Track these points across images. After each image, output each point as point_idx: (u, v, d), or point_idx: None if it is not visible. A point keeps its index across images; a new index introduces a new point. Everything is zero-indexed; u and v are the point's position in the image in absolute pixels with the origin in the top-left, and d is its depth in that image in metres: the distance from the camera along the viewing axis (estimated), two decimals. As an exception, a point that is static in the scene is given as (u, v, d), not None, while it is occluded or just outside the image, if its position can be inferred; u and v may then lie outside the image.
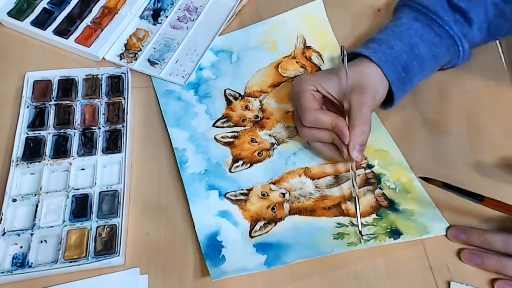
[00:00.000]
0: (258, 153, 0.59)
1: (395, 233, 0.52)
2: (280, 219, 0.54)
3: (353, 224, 0.53)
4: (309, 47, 0.69)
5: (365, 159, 0.58)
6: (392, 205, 0.55)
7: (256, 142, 0.60)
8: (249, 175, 0.58)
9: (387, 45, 0.58)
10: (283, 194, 0.56)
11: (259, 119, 0.62)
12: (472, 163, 0.58)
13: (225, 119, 0.62)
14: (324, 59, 0.68)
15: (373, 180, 0.57)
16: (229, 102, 0.64)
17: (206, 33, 0.68)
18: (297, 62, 0.67)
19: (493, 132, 0.60)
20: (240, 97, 0.64)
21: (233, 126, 0.62)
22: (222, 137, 0.61)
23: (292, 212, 0.55)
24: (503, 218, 0.53)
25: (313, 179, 0.57)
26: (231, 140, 0.60)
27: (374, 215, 0.54)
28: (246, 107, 0.63)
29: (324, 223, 0.54)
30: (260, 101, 0.64)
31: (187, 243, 0.52)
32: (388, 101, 0.59)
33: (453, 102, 0.63)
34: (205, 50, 0.66)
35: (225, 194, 0.56)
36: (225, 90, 0.65)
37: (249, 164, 0.59)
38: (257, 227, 0.54)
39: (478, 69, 0.64)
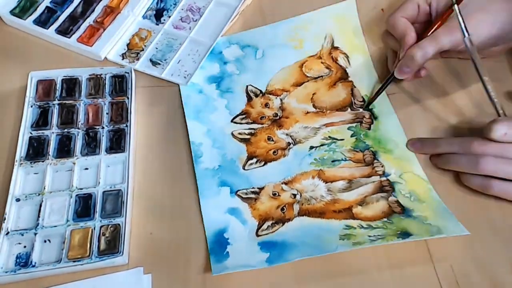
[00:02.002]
0: (274, 152, 0.59)
1: (404, 234, 0.51)
2: (289, 220, 0.54)
3: (362, 227, 0.53)
4: (336, 48, 0.68)
5: (382, 166, 0.57)
6: (405, 212, 0.54)
7: (272, 140, 0.60)
8: (262, 174, 0.57)
9: None
10: (294, 195, 0.56)
11: (278, 117, 0.62)
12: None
13: (243, 115, 0.62)
14: (350, 61, 0.67)
15: (388, 188, 0.56)
16: (249, 99, 0.64)
17: (209, 34, 0.68)
18: (322, 63, 0.67)
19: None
20: (261, 94, 0.64)
21: (251, 123, 0.62)
22: (239, 133, 0.61)
23: (301, 213, 0.54)
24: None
25: (326, 182, 0.57)
26: (248, 137, 0.60)
27: (385, 219, 0.53)
28: (266, 105, 0.63)
29: (332, 225, 0.53)
30: (281, 100, 0.64)
31: (191, 243, 0.52)
32: None
33: (456, 102, 0.63)
34: (207, 50, 0.66)
35: (236, 191, 0.56)
36: (247, 86, 0.65)
37: (263, 163, 0.58)
38: (264, 226, 0.54)
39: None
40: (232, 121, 0.62)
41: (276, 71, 0.66)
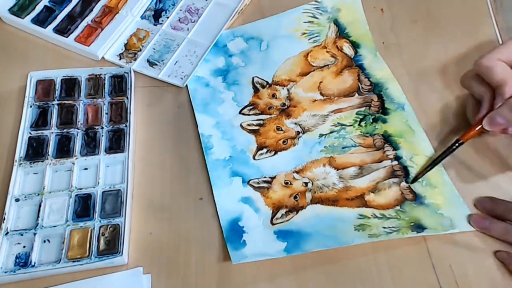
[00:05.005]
0: (283, 142, 0.60)
1: (418, 227, 0.52)
2: (302, 208, 0.55)
3: (375, 216, 0.53)
4: (341, 37, 0.69)
5: (393, 150, 0.58)
6: (417, 199, 0.55)
7: (281, 130, 0.61)
8: (273, 163, 0.58)
9: None
10: (306, 184, 0.56)
11: (285, 107, 0.63)
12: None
13: (251, 107, 0.63)
14: (356, 49, 0.67)
15: (400, 173, 0.57)
16: (256, 90, 0.64)
17: (207, 35, 0.68)
18: (327, 52, 0.67)
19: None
20: (267, 85, 0.65)
21: (259, 114, 0.62)
22: (248, 125, 0.61)
23: (314, 201, 0.55)
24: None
25: (337, 169, 0.57)
26: (257, 128, 0.61)
27: (398, 208, 0.54)
28: (273, 95, 0.63)
29: (345, 214, 0.54)
30: (288, 90, 0.64)
31: (190, 243, 0.53)
32: None
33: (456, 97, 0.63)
34: (205, 52, 0.66)
35: (248, 181, 0.57)
36: (253, 78, 0.65)
37: (273, 152, 0.59)
38: (278, 214, 0.54)
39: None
40: (240, 112, 0.62)
41: (282, 62, 0.67)
